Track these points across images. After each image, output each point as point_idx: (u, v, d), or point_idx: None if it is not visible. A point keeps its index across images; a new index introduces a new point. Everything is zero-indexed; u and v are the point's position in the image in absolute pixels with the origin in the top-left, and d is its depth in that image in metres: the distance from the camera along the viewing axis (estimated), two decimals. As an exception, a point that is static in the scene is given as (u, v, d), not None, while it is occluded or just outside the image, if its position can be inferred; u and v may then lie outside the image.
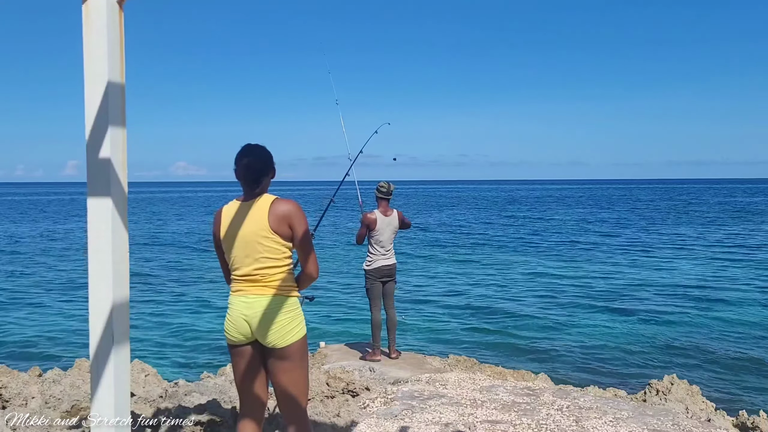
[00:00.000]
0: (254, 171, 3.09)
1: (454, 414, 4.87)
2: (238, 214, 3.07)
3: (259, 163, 3.11)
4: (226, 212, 3.12)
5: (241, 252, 3.04)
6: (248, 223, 3.03)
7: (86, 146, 1.96)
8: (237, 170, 3.12)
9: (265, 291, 3.03)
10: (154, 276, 19.90)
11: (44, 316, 14.24)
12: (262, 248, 3.01)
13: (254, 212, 3.04)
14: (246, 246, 3.03)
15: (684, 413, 5.25)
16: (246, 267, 3.04)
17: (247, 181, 3.10)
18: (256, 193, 3.11)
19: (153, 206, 70.68)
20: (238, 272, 3.07)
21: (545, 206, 65.00)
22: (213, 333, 12.79)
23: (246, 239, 3.02)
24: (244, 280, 3.06)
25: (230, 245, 3.07)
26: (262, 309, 3.00)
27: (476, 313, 14.08)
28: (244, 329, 3.03)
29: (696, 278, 18.47)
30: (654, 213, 51.15)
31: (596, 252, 25.19)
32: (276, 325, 3.00)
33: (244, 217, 3.05)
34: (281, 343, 3.00)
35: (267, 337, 3.00)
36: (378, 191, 6.89)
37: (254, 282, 3.04)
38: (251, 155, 3.11)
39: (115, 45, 1.95)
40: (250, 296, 3.03)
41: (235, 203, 3.13)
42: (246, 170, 3.08)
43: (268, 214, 3.02)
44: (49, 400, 4.79)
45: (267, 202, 3.06)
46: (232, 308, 3.08)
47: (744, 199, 76.25)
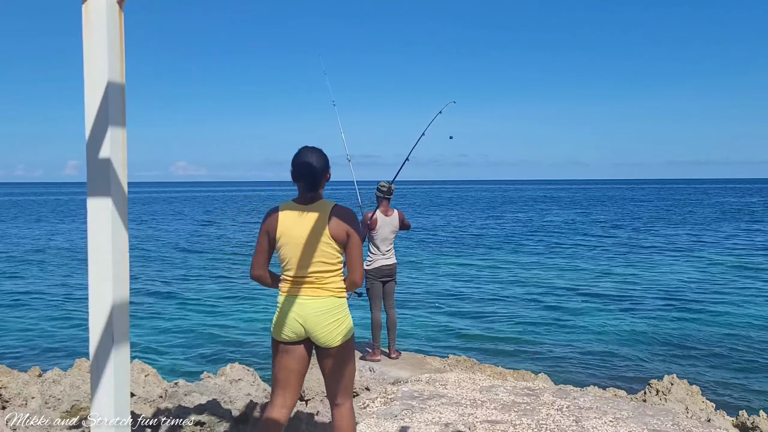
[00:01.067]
0: (313, 173, 3.14)
1: (454, 414, 4.87)
2: (298, 216, 3.12)
3: (318, 165, 3.16)
4: (284, 214, 3.15)
5: (297, 254, 3.10)
6: (308, 227, 3.09)
7: (86, 146, 1.96)
8: (295, 172, 3.16)
9: (319, 293, 3.11)
10: (155, 276, 19.90)
11: (44, 316, 14.24)
12: (320, 252, 3.09)
13: (315, 217, 3.10)
14: (304, 249, 3.09)
15: (684, 413, 5.25)
16: (302, 269, 3.11)
17: (306, 182, 3.14)
18: (315, 197, 3.17)
19: (153, 206, 70.71)
20: (292, 273, 3.14)
21: (546, 206, 65.01)
22: (213, 333, 12.80)
23: (305, 242, 3.08)
24: (297, 281, 3.14)
25: (287, 246, 3.13)
26: (316, 310, 3.09)
27: (476, 313, 14.08)
28: (297, 329, 3.12)
29: (695, 278, 18.48)
30: (654, 213, 51.16)
31: (596, 252, 25.20)
32: (329, 327, 3.10)
33: (304, 221, 3.10)
34: (334, 343, 3.12)
35: (321, 337, 3.11)
36: (378, 191, 6.89)
37: (309, 284, 3.12)
38: (310, 157, 3.16)
39: (115, 45, 1.95)
40: (304, 297, 3.11)
41: (293, 205, 3.17)
42: (305, 172, 3.13)
43: (329, 220, 3.09)
44: (49, 400, 4.79)
45: (327, 208, 3.13)
46: (283, 309, 3.15)
47: (744, 200, 76.25)
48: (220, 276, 20.05)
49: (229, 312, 14.65)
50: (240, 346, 11.85)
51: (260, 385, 5.95)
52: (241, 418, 4.55)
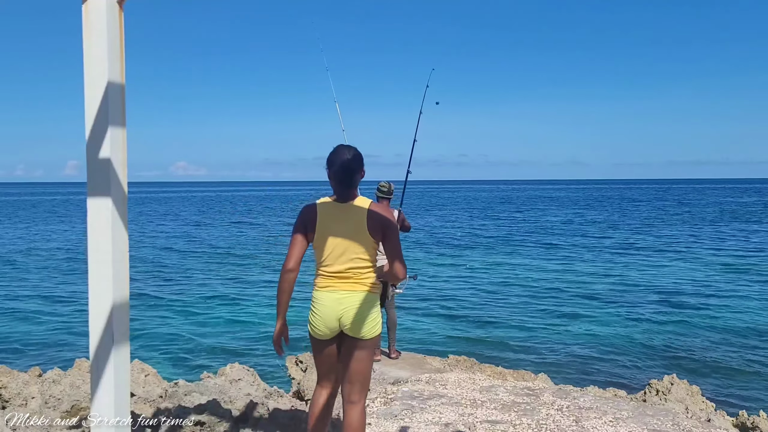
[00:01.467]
0: (350, 170, 3.19)
1: (454, 414, 4.87)
2: (336, 214, 3.19)
3: (354, 163, 3.20)
4: (323, 210, 3.21)
5: (336, 250, 3.18)
6: (347, 225, 3.16)
7: (86, 146, 1.96)
8: (332, 170, 3.21)
9: (356, 288, 3.19)
10: (155, 276, 19.90)
11: (44, 316, 14.23)
12: (357, 248, 3.17)
13: (352, 214, 3.17)
14: (342, 245, 3.17)
15: (684, 413, 5.25)
16: (339, 265, 3.19)
17: (343, 180, 3.19)
18: (352, 194, 3.22)
19: (153, 206, 70.67)
20: (330, 269, 3.21)
21: (545, 207, 64.99)
22: (213, 333, 12.80)
23: (343, 239, 3.16)
24: (335, 276, 3.21)
25: (324, 243, 3.20)
26: (353, 304, 3.17)
27: (476, 313, 14.08)
28: (333, 324, 3.21)
29: (695, 279, 18.48)
30: (653, 214, 51.16)
31: (596, 253, 25.20)
32: (365, 320, 3.19)
33: (342, 218, 3.17)
34: (368, 335, 3.21)
35: (356, 330, 3.18)
36: (378, 191, 6.88)
37: (346, 279, 3.20)
38: (347, 156, 3.21)
39: (115, 45, 1.95)
40: (341, 292, 3.19)
41: (330, 202, 3.23)
42: (343, 170, 3.17)
43: (367, 218, 3.15)
44: (49, 400, 4.79)
45: (364, 206, 3.19)
46: (320, 303, 3.23)
47: (744, 200, 76.24)
48: (221, 276, 20.04)
49: (230, 312, 14.66)
50: (240, 346, 11.86)
51: (260, 385, 5.95)
52: (241, 418, 4.55)
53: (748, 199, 76.47)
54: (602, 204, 69.01)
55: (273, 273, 20.66)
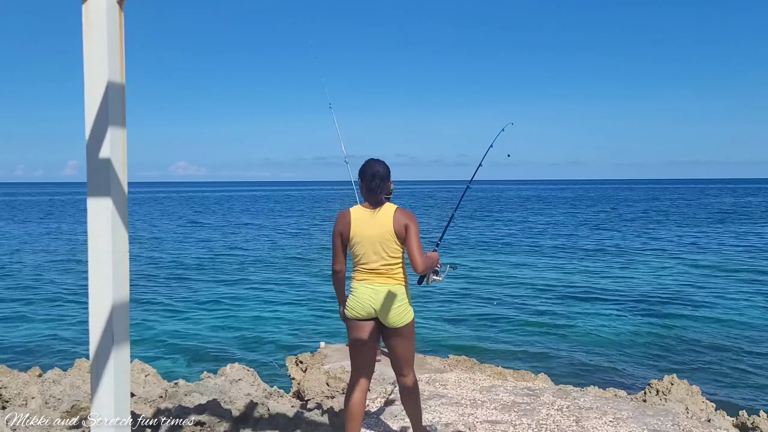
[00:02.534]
0: (380, 180, 3.73)
1: (454, 414, 4.87)
2: (367, 219, 3.71)
3: (383, 174, 3.75)
4: (356, 216, 3.73)
5: (369, 250, 3.68)
6: (377, 228, 3.67)
7: (86, 146, 1.96)
8: (364, 180, 3.75)
9: (388, 281, 3.70)
10: (155, 276, 19.90)
11: (44, 316, 14.24)
12: (387, 248, 3.67)
13: (381, 219, 3.69)
14: (374, 245, 3.67)
15: (684, 413, 5.25)
16: (374, 263, 3.69)
17: (374, 189, 3.73)
18: (380, 201, 3.75)
19: (153, 206, 70.69)
20: (366, 266, 3.71)
21: (544, 207, 65.01)
22: (213, 333, 12.80)
23: (375, 240, 3.67)
24: (371, 272, 3.70)
25: (359, 244, 3.70)
26: (384, 297, 3.67)
27: (476, 313, 14.08)
28: (369, 310, 3.69)
29: (696, 279, 18.48)
30: (653, 214, 51.16)
31: (596, 253, 25.20)
32: (395, 310, 3.67)
33: (373, 222, 3.69)
34: (399, 323, 3.70)
35: (389, 319, 3.68)
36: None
37: (380, 274, 3.69)
38: (377, 167, 3.76)
39: (115, 45, 1.95)
40: (375, 285, 3.69)
41: (362, 209, 3.75)
42: (374, 180, 3.72)
43: (393, 221, 3.66)
44: (49, 400, 4.79)
45: (391, 211, 3.70)
46: (359, 293, 3.71)
47: (742, 200, 76.26)
48: (221, 276, 20.05)
49: (230, 312, 14.65)
50: (240, 346, 11.86)
51: (260, 385, 5.95)
52: (241, 418, 4.55)
53: (748, 199, 76.47)
54: (602, 204, 69.04)
55: (273, 273, 20.67)
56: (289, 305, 15.16)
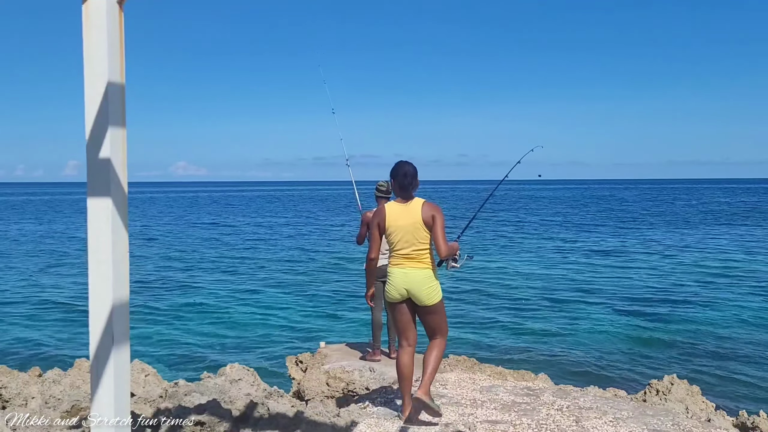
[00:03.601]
0: (411, 178, 4.35)
1: (454, 414, 4.87)
2: (400, 212, 4.33)
3: (412, 173, 4.37)
4: (390, 209, 4.36)
5: (402, 238, 4.29)
6: (409, 219, 4.29)
7: (86, 146, 1.95)
8: (396, 180, 4.35)
9: (418, 265, 4.30)
10: (155, 275, 19.90)
11: (44, 316, 14.24)
12: (417, 236, 4.28)
13: (411, 211, 4.31)
14: (406, 234, 4.28)
15: (684, 413, 5.25)
16: (406, 249, 4.30)
17: (405, 187, 4.34)
18: (410, 196, 4.36)
19: (153, 206, 70.67)
20: (400, 252, 4.32)
21: (544, 207, 64.99)
22: (213, 333, 12.80)
23: (407, 229, 4.28)
24: (404, 257, 4.32)
25: (394, 233, 4.31)
26: (416, 278, 4.28)
27: (475, 313, 14.08)
28: (403, 292, 4.32)
29: (696, 279, 18.48)
30: (653, 214, 51.16)
31: (596, 253, 25.20)
32: (426, 290, 4.29)
33: (405, 214, 4.31)
34: (429, 302, 4.32)
35: (420, 299, 4.31)
36: (377, 190, 6.88)
37: (411, 259, 4.30)
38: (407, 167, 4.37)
39: (115, 45, 1.95)
40: (408, 269, 4.31)
41: (395, 203, 4.38)
42: (405, 178, 4.33)
43: (422, 213, 4.28)
44: (49, 400, 4.79)
45: (419, 204, 4.34)
46: (393, 276, 4.35)
47: (742, 200, 76.24)
48: (221, 276, 20.04)
49: (230, 312, 14.66)
50: (240, 346, 11.86)
51: (260, 385, 5.95)
52: (241, 418, 4.55)
53: (746, 200, 76.45)
54: (601, 204, 69.02)
55: (273, 273, 20.67)
56: (289, 305, 15.15)
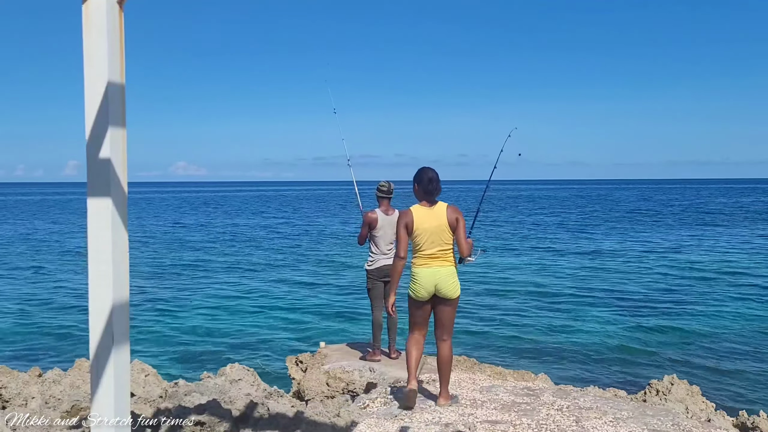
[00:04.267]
0: (435, 184, 4.78)
1: (454, 414, 4.87)
2: (426, 215, 4.76)
3: (436, 178, 4.81)
4: (417, 213, 4.77)
5: (429, 239, 4.73)
6: (434, 221, 4.73)
7: (86, 146, 1.95)
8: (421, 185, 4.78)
9: (444, 264, 4.78)
10: (155, 276, 19.90)
11: (44, 316, 14.23)
12: (443, 237, 4.74)
13: (437, 214, 4.76)
14: (432, 235, 4.72)
15: (684, 413, 5.25)
16: (432, 249, 4.74)
17: (430, 192, 4.77)
18: (434, 200, 4.81)
19: (153, 206, 70.67)
20: (426, 252, 4.75)
21: (543, 207, 65.00)
22: (213, 333, 12.80)
23: (433, 231, 4.72)
24: (429, 257, 4.76)
25: (420, 235, 4.73)
26: (444, 274, 4.76)
27: (475, 313, 14.08)
28: (430, 289, 4.79)
29: (695, 279, 18.47)
30: (654, 214, 51.15)
31: (595, 253, 25.20)
32: (451, 285, 4.80)
33: (431, 217, 4.74)
34: (452, 295, 4.84)
35: (446, 293, 4.80)
36: (378, 191, 6.89)
37: (436, 258, 4.76)
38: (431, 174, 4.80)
39: (115, 45, 1.95)
40: (434, 267, 4.76)
41: (421, 207, 4.80)
42: (430, 184, 4.77)
43: (446, 215, 4.73)
44: (49, 400, 4.79)
45: (444, 207, 4.79)
46: (421, 276, 4.77)
47: (743, 200, 76.26)
48: (221, 276, 20.04)
49: (230, 312, 14.65)
50: (240, 346, 11.85)
51: (260, 385, 5.95)
52: (241, 418, 4.55)
53: (749, 199, 76.46)
54: (602, 204, 69.02)
55: (273, 273, 20.66)
56: (289, 305, 15.16)
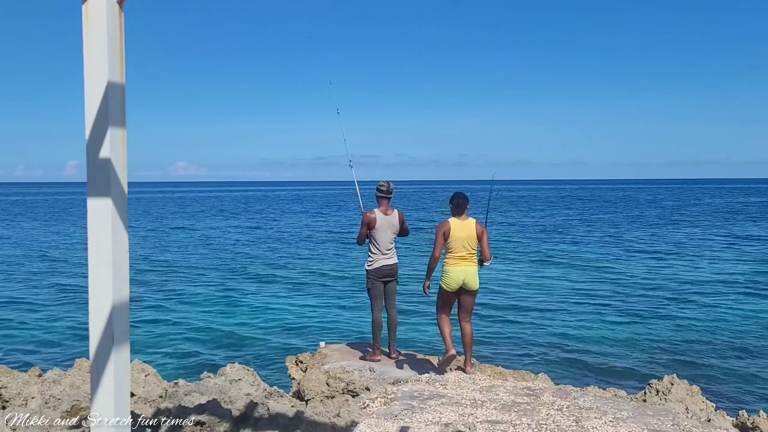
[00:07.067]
0: (465, 203, 6.40)
1: (454, 414, 4.87)
2: (459, 226, 6.30)
3: (466, 199, 6.44)
4: (453, 224, 6.30)
5: (461, 245, 6.28)
6: (465, 232, 6.30)
7: (86, 146, 1.95)
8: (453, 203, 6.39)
9: (471, 264, 6.36)
10: (155, 276, 19.90)
11: (44, 316, 14.24)
12: (471, 243, 6.31)
13: (468, 227, 6.33)
14: (463, 242, 6.27)
15: (684, 413, 5.25)
16: (462, 252, 6.29)
17: (462, 209, 6.35)
18: (465, 215, 6.38)
19: (153, 206, 70.68)
20: (457, 254, 6.29)
21: (543, 207, 64.99)
22: (213, 333, 12.80)
23: (465, 239, 6.28)
24: (460, 258, 6.30)
25: (455, 241, 6.25)
26: (471, 272, 6.34)
27: (475, 313, 14.06)
28: (460, 282, 6.33)
29: (696, 279, 18.48)
30: (655, 214, 51.15)
31: (595, 253, 25.20)
32: (474, 280, 6.37)
33: (463, 228, 6.31)
34: (476, 287, 6.43)
35: (471, 286, 6.37)
36: (378, 190, 6.89)
37: (464, 259, 6.31)
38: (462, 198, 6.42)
39: (115, 45, 1.95)
40: (463, 266, 6.31)
41: (456, 220, 6.34)
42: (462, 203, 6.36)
43: (475, 228, 6.34)
44: (49, 400, 4.79)
45: (473, 222, 6.40)
46: (453, 272, 6.31)
47: (743, 200, 76.25)
48: (221, 276, 20.04)
49: (230, 312, 14.66)
50: (240, 346, 11.86)
51: (260, 385, 5.95)
52: (241, 418, 4.55)
53: (749, 199, 76.46)
54: (606, 204, 69.02)
55: (273, 273, 20.66)
56: (289, 305, 15.17)
